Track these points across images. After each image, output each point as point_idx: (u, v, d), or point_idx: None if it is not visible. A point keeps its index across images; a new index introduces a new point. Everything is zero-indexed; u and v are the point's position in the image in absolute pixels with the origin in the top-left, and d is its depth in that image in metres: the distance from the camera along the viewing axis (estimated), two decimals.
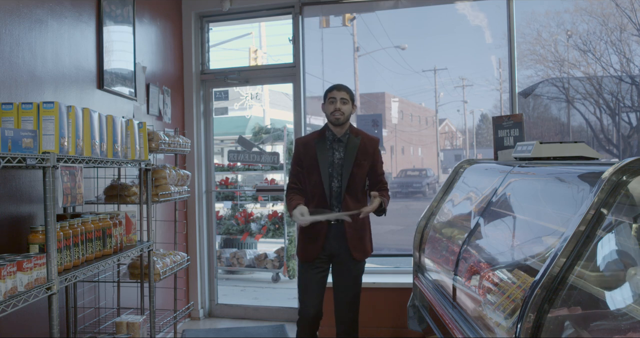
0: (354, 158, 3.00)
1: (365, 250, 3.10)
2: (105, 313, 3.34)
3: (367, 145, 3.06)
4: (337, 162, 3.02)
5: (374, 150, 3.09)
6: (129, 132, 2.81)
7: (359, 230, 3.06)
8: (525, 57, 4.74)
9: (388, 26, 4.81)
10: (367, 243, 3.11)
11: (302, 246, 3.11)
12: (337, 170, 3.01)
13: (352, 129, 3.10)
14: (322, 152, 3.02)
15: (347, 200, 3.00)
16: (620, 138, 5.16)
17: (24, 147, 1.92)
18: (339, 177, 3.01)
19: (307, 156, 3.05)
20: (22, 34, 2.64)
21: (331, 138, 3.06)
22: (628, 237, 1.50)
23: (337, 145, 3.05)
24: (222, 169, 6.68)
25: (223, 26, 5.39)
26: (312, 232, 3.00)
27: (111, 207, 3.25)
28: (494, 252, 2.18)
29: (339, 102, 3.00)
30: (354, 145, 3.03)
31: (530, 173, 2.31)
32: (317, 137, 3.09)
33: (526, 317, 1.41)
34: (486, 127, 7.30)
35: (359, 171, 3.01)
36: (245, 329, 4.40)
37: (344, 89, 3.05)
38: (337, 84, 3.08)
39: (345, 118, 3.01)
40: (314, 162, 3.02)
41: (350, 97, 3.05)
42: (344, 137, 3.06)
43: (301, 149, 3.10)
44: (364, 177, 3.06)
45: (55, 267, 2.04)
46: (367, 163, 3.04)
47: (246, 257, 6.19)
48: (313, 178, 3.04)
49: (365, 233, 3.11)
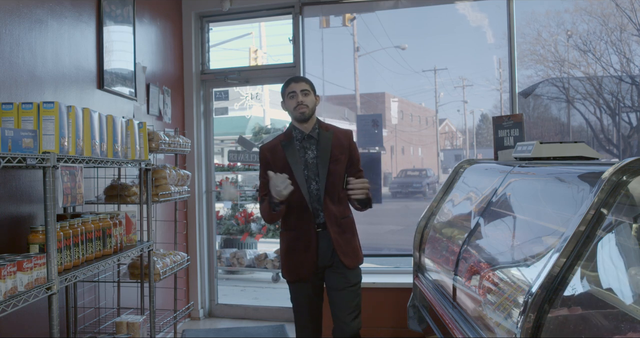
0: (329, 154, 2.70)
1: (357, 255, 2.78)
2: (105, 313, 3.34)
3: (340, 138, 2.76)
4: (311, 162, 2.71)
5: (349, 143, 2.79)
6: (129, 132, 2.81)
7: (344, 231, 2.75)
8: (526, 57, 4.73)
9: (388, 26, 4.81)
10: (356, 247, 2.80)
11: (290, 263, 2.76)
12: (313, 170, 2.70)
13: (320, 124, 2.79)
14: (292, 153, 2.71)
15: (328, 203, 2.69)
16: (620, 138, 5.16)
17: (24, 147, 1.92)
18: (316, 178, 2.70)
19: (276, 162, 2.73)
20: (22, 34, 2.64)
21: (300, 136, 2.74)
22: (628, 237, 1.50)
23: (308, 143, 2.74)
24: (222, 169, 6.68)
25: (223, 26, 5.39)
26: (299, 244, 2.71)
27: (111, 207, 3.25)
28: (494, 252, 2.18)
29: (299, 95, 2.70)
30: (326, 139, 2.73)
31: (530, 173, 2.31)
32: (283, 139, 2.77)
33: (526, 317, 1.41)
34: (486, 127, 7.30)
35: (337, 167, 2.71)
36: (245, 329, 4.39)
37: (302, 80, 2.75)
38: (293, 77, 2.80)
39: (310, 111, 2.71)
40: (285, 167, 2.69)
41: (311, 87, 2.75)
42: (314, 132, 2.75)
43: (268, 156, 2.78)
44: (342, 175, 2.74)
45: (55, 267, 2.04)
46: (344, 157, 2.74)
47: (246, 257, 6.19)
48: None
49: (353, 236, 2.80)
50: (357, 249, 2.81)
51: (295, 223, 2.73)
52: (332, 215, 2.70)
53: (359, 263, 2.79)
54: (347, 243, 2.75)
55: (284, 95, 2.77)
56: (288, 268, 2.78)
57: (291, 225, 2.75)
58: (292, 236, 2.74)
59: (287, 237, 2.78)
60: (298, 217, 2.71)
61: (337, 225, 2.71)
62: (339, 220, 2.73)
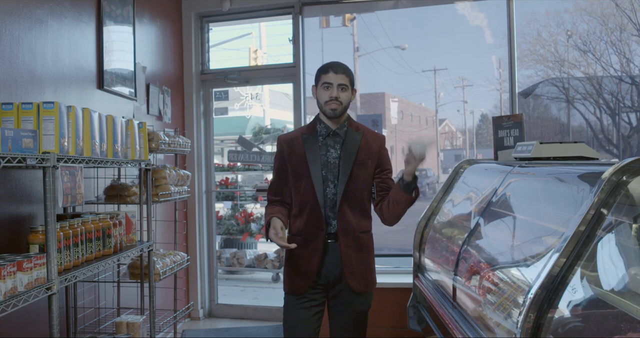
0: (354, 156, 2.35)
1: (367, 279, 2.40)
2: (105, 313, 3.34)
3: (370, 142, 2.42)
4: (332, 162, 2.36)
5: (379, 148, 2.43)
6: (129, 132, 2.81)
7: (360, 248, 2.37)
8: (525, 57, 4.74)
9: (388, 26, 4.82)
10: (370, 269, 2.43)
11: (289, 271, 2.44)
12: (332, 172, 2.35)
13: (351, 122, 2.44)
14: (312, 149, 2.36)
15: (346, 211, 2.34)
16: (620, 138, 5.16)
17: (24, 147, 1.92)
18: (334, 181, 2.35)
19: (293, 157, 2.39)
20: (22, 34, 2.64)
21: (324, 132, 2.39)
22: (628, 237, 1.50)
23: (333, 141, 2.39)
24: (222, 169, 6.68)
25: (223, 26, 5.39)
26: (303, 252, 2.37)
27: (111, 207, 3.25)
28: (494, 252, 2.18)
29: (336, 89, 2.33)
30: (354, 140, 2.38)
31: (530, 173, 2.31)
32: (305, 131, 2.43)
33: (526, 317, 1.41)
34: (486, 127, 7.30)
35: (361, 173, 2.36)
36: (245, 329, 4.39)
37: (342, 71, 2.34)
38: (333, 63, 2.38)
39: (343, 109, 2.36)
40: (302, 164, 2.37)
41: (351, 81, 2.37)
42: (341, 130, 2.39)
43: (285, 149, 2.42)
44: (367, 182, 2.39)
45: (55, 267, 2.04)
46: (372, 163, 2.39)
47: (246, 257, 6.19)
48: (302, 184, 2.37)
49: (369, 256, 2.43)
50: (371, 272, 2.44)
51: (304, 229, 2.39)
52: (347, 226, 2.35)
53: (368, 289, 2.42)
54: (360, 263, 2.37)
55: (318, 82, 2.38)
56: (287, 276, 2.46)
57: (299, 229, 2.41)
58: (298, 242, 2.36)
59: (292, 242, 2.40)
60: (308, 222, 2.37)
61: (353, 239, 2.36)
62: (357, 233, 2.37)
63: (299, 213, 2.41)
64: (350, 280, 2.34)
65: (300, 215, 2.40)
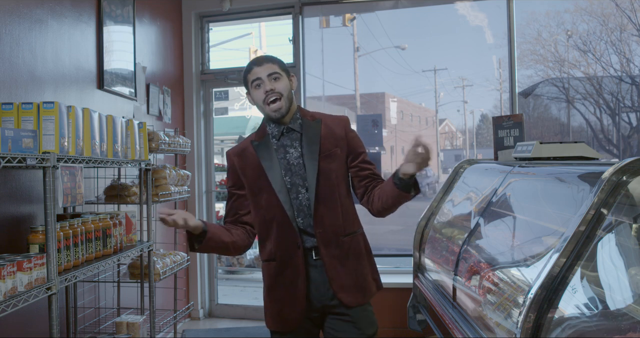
0: (318, 148, 1.99)
1: (364, 288, 2.04)
2: (105, 313, 3.34)
3: (332, 127, 2.04)
4: (295, 164, 1.99)
5: (345, 131, 2.06)
6: (129, 132, 2.81)
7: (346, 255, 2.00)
8: (526, 57, 4.74)
9: (388, 26, 4.82)
10: (363, 277, 2.05)
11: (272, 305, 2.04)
12: (299, 175, 1.98)
13: (304, 112, 2.07)
14: (267, 155, 2.01)
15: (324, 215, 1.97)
16: (620, 138, 5.16)
17: (24, 147, 1.92)
18: (303, 183, 1.98)
19: (247, 170, 2.03)
20: (22, 34, 2.64)
21: (277, 132, 2.03)
22: (628, 237, 1.50)
23: (289, 139, 2.02)
24: (222, 169, 6.68)
25: (223, 26, 5.39)
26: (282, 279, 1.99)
27: (111, 207, 3.26)
28: (494, 252, 2.18)
29: (267, 81, 1.96)
30: (313, 130, 2.01)
31: (530, 173, 2.31)
32: (255, 138, 2.07)
33: (526, 317, 1.41)
34: (486, 127, 7.30)
35: (332, 166, 1.99)
36: (245, 329, 4.39)
37: (266, 60, 1.99)
38: (254, 58, 2.04)
39: (286, 102, 1.98)
40: (259, 175, 2.00)
41: (281, 67, 2.01)
42: (295, 124, 2.02)
43: (236, 163, 2.06)
44: (341, 174, 2.03)
45: (55, 267, 2.04)
46: (341, 151, 2.03)
47: (246, 257, 6.19)
48: (262, 199, 2.00)
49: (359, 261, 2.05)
50: (365, 279, 2.06)
51: (275, 251, 2.00)
52: (327, 233, 1.97)
53: (365, 300, 2.05)
54: (349, 274, 2.00)
55: (248, 85, 2.02)
56: (270, 312, 2.05)
57: (270, 253, 2.02)
58: (273, 268, 2.01)
59: (267, 271, 2.05)
60: (278, 242, 1.99)
61: (336, 246, 1.98)
62: (339, 238, 1.99)
63: (265, 234, 2.02)
64: (342, 295, 1.97)
65: (267, 236, 2.02)
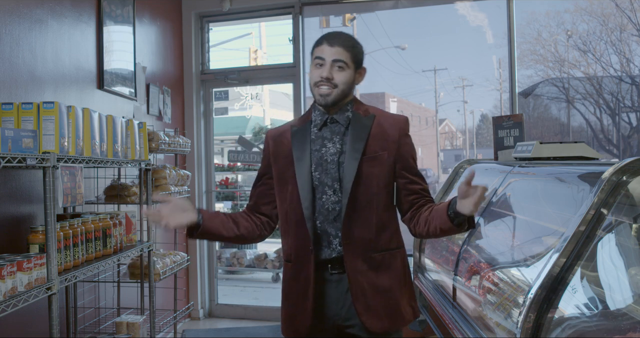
0: (362, 147, 1.70)
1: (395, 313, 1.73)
2: (105, 313, 3.34)
3: (386, 128, 1.75)
4: (329, 160, 1.73)
5: (399, 133, 1.75)
6: (129, 132, 2.81)
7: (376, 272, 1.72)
8: (526, 57, 4.74)
9: (388, 26, 4.82)
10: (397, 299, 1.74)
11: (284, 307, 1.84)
12: (330, 174, 1.72)
13: (357, 104, 1.79)
14: (301, 144, 1.76)
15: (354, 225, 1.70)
16: (620, 138, 5.16)
17: (24, 147, 1.92)
18: (332, 183, 1.71)
19: (278, 156, 1.81)
20: (22, 34, 2.64)
21: (320, 120, 1.77)
22: (628, 237, 1.50)
23: (330, 132, 1.76)
24: (222, 169, 6.68)
25: (223, 26, 5.39)
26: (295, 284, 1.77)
27: (111, 207, 3.25)
28: (494, 252, 2.18)
29: (329, 66, 1.70)
30: (361, 127, 1.73)
31: (531, 173, 2.31)
32: (296, 123, 1.83)
33: (526, 317, 1.41)
34: (486, 127, 7.30)
35: (374, 171, 1.71)
36: (245, 329, 4.39)
37: (339, 43, 1.71)
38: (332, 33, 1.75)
39: (338, 95, 1.71)
40: (288, 164, 1.77)
41: (353, 57, 1.72)
42: (341, 116, 1.75)
43: (271, 146, 1.84)
44: (384, 182, 1.73)
45: (55, 267, 2.04)
46: (389, 155, 1.73)
47: (246, 257, 6.19)
48: (287, 192, 1.77)
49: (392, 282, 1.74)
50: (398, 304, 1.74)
51: (290, 251, 1.79)
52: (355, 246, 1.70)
53: (394, 327, 1.74)
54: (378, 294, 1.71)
55: (312, 56, 1.77)
56: (283, 317, 1.85)
57: (287, 252, 1.82)
58: (289, 270, 1.81)
59: (285, 272, 1.85)
60: (294, 241, 1.77)
61: (363, 261, 1.70)
62: (369, 253, 1.71)
63: (285, 230, 1.81)
64: (365, 317, 1.68)
65: (286, 233, 1.80)
